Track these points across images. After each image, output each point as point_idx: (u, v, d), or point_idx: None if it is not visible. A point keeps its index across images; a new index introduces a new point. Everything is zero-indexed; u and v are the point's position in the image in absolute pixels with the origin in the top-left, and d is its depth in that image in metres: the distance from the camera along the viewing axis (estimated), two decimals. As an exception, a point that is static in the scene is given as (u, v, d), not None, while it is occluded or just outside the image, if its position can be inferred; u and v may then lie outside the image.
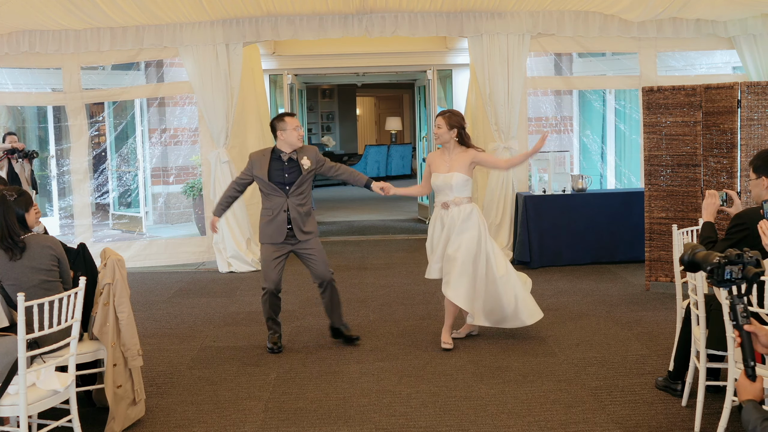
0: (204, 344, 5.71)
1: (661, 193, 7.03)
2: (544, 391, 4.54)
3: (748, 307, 2.47)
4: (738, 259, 2.42)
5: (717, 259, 2.42)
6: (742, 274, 2.42)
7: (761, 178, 3.95)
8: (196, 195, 10.43)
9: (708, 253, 2.47)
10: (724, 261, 2.42)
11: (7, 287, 3.88)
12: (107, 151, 11.09)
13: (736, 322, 2.44)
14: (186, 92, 9.36)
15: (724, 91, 6.65)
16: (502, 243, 8.60)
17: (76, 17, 7.73)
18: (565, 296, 6.91)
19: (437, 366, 5.03)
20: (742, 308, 2.43)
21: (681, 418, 4.08)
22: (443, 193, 5.38)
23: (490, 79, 8.49)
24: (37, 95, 9.79)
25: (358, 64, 10.24)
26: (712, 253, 2.46)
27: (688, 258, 2.53)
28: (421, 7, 8.14)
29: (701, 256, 2.49)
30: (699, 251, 2.51)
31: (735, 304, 2.44)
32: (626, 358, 5.11)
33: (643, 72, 8.80)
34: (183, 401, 4.53)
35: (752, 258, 2.44)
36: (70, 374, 3.71)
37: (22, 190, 4.13)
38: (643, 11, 7.92)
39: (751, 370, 2.40)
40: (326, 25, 8.33)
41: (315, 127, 20.31)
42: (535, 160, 8.45)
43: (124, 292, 4.07)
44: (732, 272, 2.42)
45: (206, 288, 7.70)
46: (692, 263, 2.53)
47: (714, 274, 2.43)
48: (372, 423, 4.14)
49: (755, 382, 2.39)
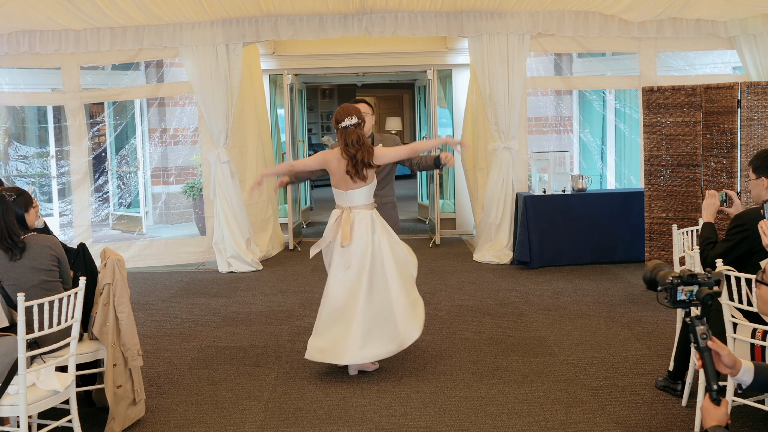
0: (204, 344, 5.71)
1: (661, 193, 7.03)
2: (544, 391, 4.54)
3: (707, 330, 2.39)
4: (691, 280, 2.36)
5: (670, 278, 2.37)
6: (695, 296, 2.37)
7: (761, 178, 3.95)
8: (196, 195, 10.43)
9: (665, 273, 2.41)
10: (677, 282, 2.36)
11: (7, 287, 3.88)
12: (107, 152, 11.09)
13: (697, 344, 2.37)
14: (186, 92, 9.36)
15: (724, 91, 6.65)
16: (502, 243, 8.60)
17: (76, 17, 7.73)
18: (565, 296, 6.91)
19: (437, 366, 5.03)
20: (702, 330, 2.37)
21: (681, 418, 4.07)
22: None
23: (490, 79, 8.49)
24: (37, 95, 9.79)
25: (358, 64, 10.24)
26: (668, 273, 2.39)
27: (649, 276, 2.47)
28: (421, 7, 8.14)
29: (660, 276, 2.43)
30: (660, 270, 2.45)
31: (694, 326, 2.38)
32: (626, 358, 5.11)
33: (643, 72, 8.80)
34: (183, 401, 4.53)
35: (709, 279, 2.37)
36: (70, 374, 3.72)
37: (22, 190, 4.13)
38: (643, 11, 7.92)
39: (716, 393, 2.33)
40: (326, 25, 8.33)
41: (315, 127, 20.30)
42: (535, 160, 8.45)
43: (124, 292, 4.07)
44: (684, 293, 2.37)
45: (206, 288, 7.70)
46: (652, 281, 2.47)
47: (667, 294, 2.38)
48: (372, 423, 4.14)
49: (719, 407, 2.32)
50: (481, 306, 6.63)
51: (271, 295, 7.30)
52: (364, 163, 4.80)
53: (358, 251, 4.82)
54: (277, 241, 9.62)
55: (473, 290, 7.24)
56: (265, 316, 6.48)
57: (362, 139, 4.85)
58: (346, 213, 4.88)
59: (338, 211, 4.94)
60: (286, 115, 9.84)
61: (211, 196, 8.65)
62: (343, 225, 4.83)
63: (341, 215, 4.89)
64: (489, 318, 6.22)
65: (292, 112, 10.05)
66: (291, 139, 9.85)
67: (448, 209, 10.97)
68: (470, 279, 7.74)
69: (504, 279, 7.72)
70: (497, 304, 6.67)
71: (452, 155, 5.25)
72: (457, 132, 10.50)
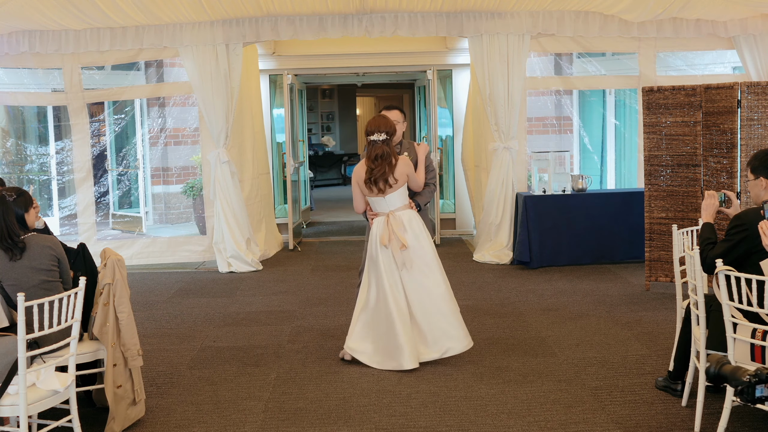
0: (204, 344, 5.72)
1: (661, 193, 7.03)
2: (544, 391, 4.54)
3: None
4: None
5: (747, 377, 2.31)
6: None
7: (759, 178, 3.95)
8: (196, 195, 10.43)
9: (736, 368, 2.34)
10: (754, 380, 2.30)
11: (7, 287, 3.88)
12: (107, 151, 11.09)
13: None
14: (186, 92, 9.37)
15: (724, 91, 6.65)
16: (502, 243, 8.60)
17: (75, 17, 7.73)
18: (565, 296, 6.91)
19: (437, 366, 5.03)
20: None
21: (681, 418, 4.08)
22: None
23: (490, 79, 8.49)
24: (38, 95, 9.80)
25: (358, 64, 10.25)
26: (740, 369, 2.33)
27: (714, 372, 2.42)
28: (421, 7, 8.14)
29: (728, 371, 2.37)
30: (724, 364, 2.39)
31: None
32: (626, 358, 5.11)
33: (643, 72, 8.80)
34: (183, 401, 4.54)
35: None
36: (70, 374, 3.71)
37: (22, 190, 4.13)
38: (643, 11, 7.91)
39: None
40: (326, 25, 8.33)
41: (315, 127, 20.30)
42: (535, 160, 8.46)
43: (124, 292, 4.07)
44: (764, 390, 2.31)
45: (206, 288, 7.70)
46: (719, 377, 2.42)
47: (744, 393, 2.33)
48: (372, 423, 4.14)
49: None
50: (481, 306, 6.63)
51: (271, 295, 7.30)
52: (379, 180, 5.01)
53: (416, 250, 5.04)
54: (274, 241, 9.63)
55: (473, 290, 7.24)
56: (265, 316, 6.48)
57: (387, 154, 5.01)
58: (392, 217, 5.06)
59: (382, 218, 5.09)
60: (286, 115, 9.84)
61: (211, 196, 8.65)
62: (396, 230, 5.00)
63: (387, 219, 5.06)
64: (489, 318, 6.23)
65: (292, 112, 10.05)
66: (291, 140, 9.86)
67: (448, 209, 10.97)
68: (470, 279, 7.75)
69: (504, 279, 7.72)
70: (497, 304, 6.67)
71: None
72: (457, 132, 10.51)
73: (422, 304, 5.02)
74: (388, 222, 5.05)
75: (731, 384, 2.36)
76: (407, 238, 5.01)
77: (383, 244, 5.02)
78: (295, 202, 10.15)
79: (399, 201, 5.10)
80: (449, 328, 5.03)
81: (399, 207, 5.10)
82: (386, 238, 5.00)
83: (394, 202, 5.08)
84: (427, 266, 5.04)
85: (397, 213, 5.08)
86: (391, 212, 5.08)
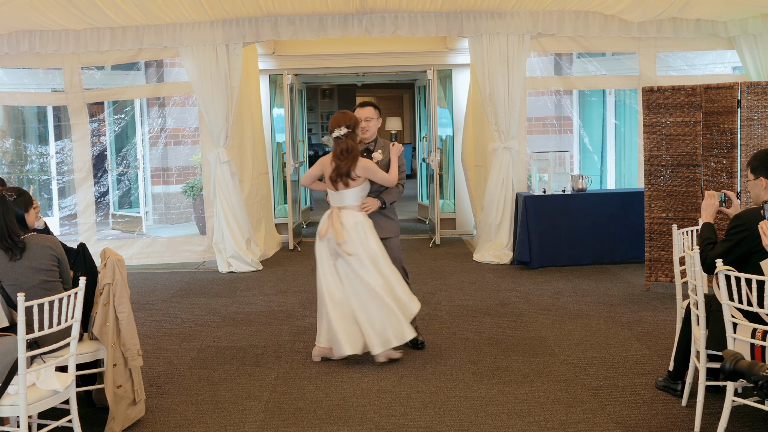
0: (204, 344, 5.72)
1: (661, 193, 7.03)
2: (544, 391, 4.54)
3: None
4: None
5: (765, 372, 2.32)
6: None
7: (759, 178, 3.95)
8: (196, 195, 10.43)
9: (752, 364, 2.35)
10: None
11: (7, 287, 3.88)
12: (107, 151, 11.09)
13: None
14: (186, 92, 9.37)
15: (724, 91, 6.65)
16: (502, 243, 8.60)
17: (76, 17, 7.73)
18: (565, 296, 6.91)
19: (437, 366, 5.03)
20: None
21: (681, 418, 4.08)
22: None
23: (490, 79, 8.49)
24: (38, 95, 9.80)
25: (358, 64, 10.25)
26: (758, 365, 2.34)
27: (730, 368, 2.44)
28: (421, 7, 8.14)
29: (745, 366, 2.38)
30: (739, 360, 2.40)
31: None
32: (626, 358, 5.11)
33: (643, 72, 8.80)
34: (183, 401, 4.54)
35: None
36: (70, 374, 3.72)
37: (22, 190, 4.13)
38: (643, 11, 7.92)
39: None
40: (326, 25, 8.34)
41: (315, 127, 20.31)
42: (535, 160, 8.45)
43: (124, 292, 4.07)
44: None
45: (206, 288, 7.70)
46: (735, 373, 2.43)
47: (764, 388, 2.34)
48: (372, 423, 4.14)
49: None
50: (481, 306, 6.63)
51: (271, 295, 7.30)
52: (344, 174, 5.13)
53: (350, 246, 5.10)
54: (273, 241, 9.63)
55: (473, 290, 7.24)
56: (265, 316, 6.48)
57: (352, 147, 5.13)
58: (336, 212, 5.18)
59: (328, 212, 5.27)
60: (286, 115, 9.84)
61: (211, 196, 8.65)
62: (335, 223, 5.12)
63: (331, 213, 5.21)
64: (489, 318, 6.23)
65: (292, 112, 10.05)
66: (291, 140, 9.86)
67: (448, 209, 10.97)
68: (470, 279, 7.75)
69: (504, 279, 7.72)
70: (497, 304, 6.67)
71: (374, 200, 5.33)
72: (457, 132, 10.51)
73: (359, 295, 5.08)
74: (330, 215, 5.19)
75: (749, 379, 2.37)
76: (349, 237, 5.08)
77: (319, 234, 5.18)
78: (295, 202, 10.15)
79: (352, 200, 5.19)
80: (389, 321, 5.05)
81: (350, 206, 5.19)
82: (324, 230, 5.15)
83: (348, 199, 5.18)
84: (370, 261, 5.09)
85: (343, 211, 5.18)
86: (340, 208, 5.18)
